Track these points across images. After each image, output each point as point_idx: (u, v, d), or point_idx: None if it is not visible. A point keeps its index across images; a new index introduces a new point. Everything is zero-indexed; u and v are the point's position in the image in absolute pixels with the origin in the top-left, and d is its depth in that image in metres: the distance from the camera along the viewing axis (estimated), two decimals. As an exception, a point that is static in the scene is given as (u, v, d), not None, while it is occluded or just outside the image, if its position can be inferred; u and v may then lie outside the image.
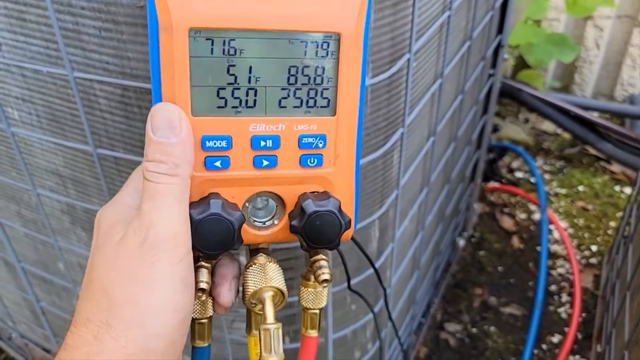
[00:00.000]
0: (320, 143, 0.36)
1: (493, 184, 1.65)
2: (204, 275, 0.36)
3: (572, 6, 1.69)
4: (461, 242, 1.36)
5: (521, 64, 1.98)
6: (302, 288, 0.41)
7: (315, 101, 0.36)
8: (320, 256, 0.39)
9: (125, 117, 0.50)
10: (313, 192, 0.37)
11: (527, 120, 2.02)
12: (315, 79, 0.35)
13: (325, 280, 0.38)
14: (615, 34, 1.99)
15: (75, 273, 0.74)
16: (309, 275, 0.40)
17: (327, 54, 0.35)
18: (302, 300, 0.41)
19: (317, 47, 0.34)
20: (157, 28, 0.33)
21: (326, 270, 0.38)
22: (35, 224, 0.70)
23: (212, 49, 0.33)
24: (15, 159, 0.62)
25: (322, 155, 0.36)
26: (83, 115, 0.51)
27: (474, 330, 1.21)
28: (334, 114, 0.36)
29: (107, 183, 0.57)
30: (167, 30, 0.32)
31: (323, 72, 0.35)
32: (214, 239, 0.33)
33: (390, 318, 0.62)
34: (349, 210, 0.39)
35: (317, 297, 0.41)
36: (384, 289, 0.53)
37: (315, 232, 0.35)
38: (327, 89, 0.36)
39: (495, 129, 1.60)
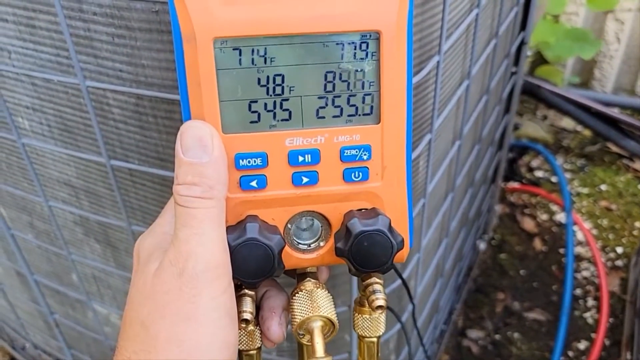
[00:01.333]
0: (365, 155, 0.33)
1: (513, 185, 1.61)
2: (248, 305, 0.33)
3: (594, 0, 1.64)
4: (482, 245, 1.33)
5: (539, 60, 1.94)
6: (357, 315, 0.37)
7: (357, 109, 0.32)
8: (374, 279, 0.35)
9: (139, 127, 0.48)
10: (360, 210, 0.34)
11: (545, 117, 1.98)
12: (355, 84, 0.32)
13: (380, 307, 0.34)
14: (637, 27, 1.93)
15: (89, 285, 0.72)
16: (363, 301, 0.36)
17: (367, 56, 0.31)
18: (357, 328, 0.38)
19: (355, 49, 0.31)
20: (180, 40, 0.30)
21: (381, 296, 0.34)
22: (48, 235, 0.68)
23: (240, 60, 0.31)
24: (27, 170, 0.60)
25: (367, 168, 0.33)
26: (96, 125, 0.49)
27: (497, 336, 1.18)
28: (379, 122, 0.33)
29: (121, 195, 0.54)
30: (190, 42, 0.30)
31: (363, 76, 0.32)
32: (252, 266, 0.31)
33: (417, 329, 0.59)
34: (402, 227, 0.35)
35: (373, 324, 0.37)
36: (413, 304, 0.50)
37: (363, 254, 0.32)
38: (369, 94, 0.32)
39: (516, 128, 1.56)
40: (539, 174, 1.68)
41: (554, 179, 1.64)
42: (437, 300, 0.89)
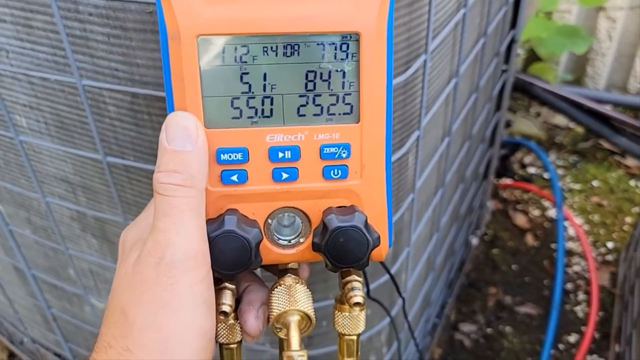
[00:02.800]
0: (344, 153, 0.33)
1: (505, 181, 1.62)
2: (227, 297, 0.34)
3: (585, -3, 1.65)
4: (474, 241, 1.34)
5: (532, 57, 1.95)
6: (336, 312, 0.38)
7: (337, 108, 0.33)
8: (353, 277, 0.35)
9: (135, 124, 0.49)
10: (339, 207, 0.35)
11: (538, 114, 2.00)
12: (335, 84, 0.33)
13: (358, 304, 0.35)
14: (628, 25, 1.95)
15: (87, 279, 0.74)
16: (343, 298, 0.37)
17: (347, 56, 0.32)
18: (336, 326, 0.38)
19: (336, 49, 0.32)
20: (166, 37, 0.31)
21: (359, 293, 0.35)
22: (45, 231, 0.70)
23: (223, 57, 0.32)
24: (24, 167, 0.61)
25: (346, 166, 0.34)
26: (92, 123, 0.50)
27: (489, 330, 1.20)
28: (358, 121, 0.33)
29: (117, 191, 0.56)
30: (175, 39, 0.31)
31: (343, 76, 0.33)
32: (230, 257, 0.31)
33: (407, 322, 0.60)
34: (381, 225, 0.35)
35: (352, 321, 0.37)
36: (403, 298, 0.52)
37: (339, 250, 0.32)
38: (349, 94, 0.33)
39: (508, 125, 1.58)
40: (531, 170, 1.70)
41: (546, 175, 1.66)
42: (429, 294, 0.91)
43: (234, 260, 0.32)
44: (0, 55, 0.50)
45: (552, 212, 1.53)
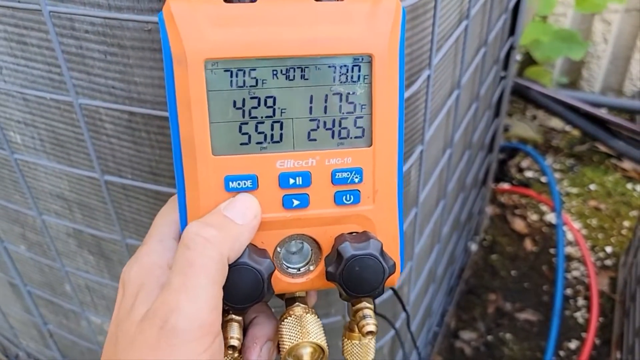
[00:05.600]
0: (356, 178, 0.32)
1: (503, 186, 1.62)
2: (235, 330, 0.32)
3: (582, 3, 1.66)
4: (473, 247, 1.34)
5: (527, 61, 1.95)
6: (346, 340, 0.37)
7: (349, 132, 0.32)
8: (364, 304, 0.34)
9: (132, 142, 0.48)
10: (351, 233, 0.33)
11: (534, 118, 2.00)
12: (347, 107, 0.32)
13: (371, 332, 0.33)
14: (624, 28, 1.95)
15: (83, 295, 0.72)
16: (353, 326, 0.36)
17: (359, 79, 0.31)
18: (345, 354, 0.37)
19: (347, 72, 0.31)
20: (171, 61, 0.30)
21: (371, 321, 0.33)
22: (41, 247, 0.68)
23: (231, 81, 0.30)
24: (18, 183, 0.59)
25: (358, 191, 0.33)
26: (89, 141, 0.49)
27: (490, 337, 1.19)
28: (370, 145, 0.32)
29: (114, 209, 0.55)
30: (181, 63, 0.30)
31: (355, 99, 0.32)
32: (242, 291, 0.30)
33: (411, 335, 0.59)
34: (393, 251, 0.34)
35: (362, 349, 0.36)
36: (407, 313, 0.51)
37: (354, 279, 0.31)
38: (361, 117, 0.32)
39: (506, 129, 1.58)
40: (528, 174, 1.70)
41: (543, 179, 1.66)
42: (430, 304, 0.90)
43: (246, 294, 0.31)
44: (-7, 72, 0.49)
45: (550, 217, 1.52)
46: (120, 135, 0.48)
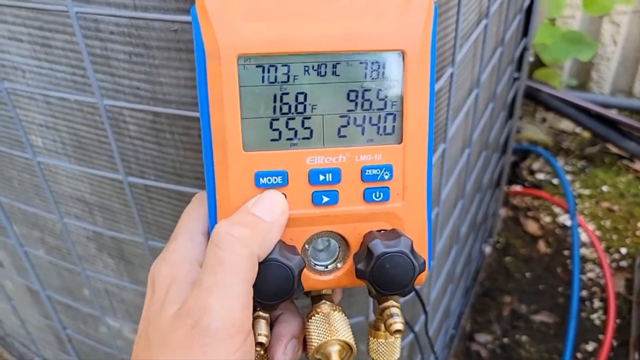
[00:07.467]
0: (386, 175, 0.32)
1: (515, 188, 1.61)
2: (262, 327, 0.32)
3: (590, 4, 1.65)
4: (487, 249, 1.33)
5: (537, 63, 1.95)
6: (372, 339, 0.36)
7: (379, 128, 0.32)
8: (391, 302, 0.34)
9: (156, 143, 0.48)
10: (380, 231, 0.33)
11: (544, 120, 1.99)
12: (377, 103, 0.32)
13: (398, 331, 0.33)
14: (633, 29, 1.95)
15: (102, 299, 0.72)
16: (379, 324, 0.35)
17: (391, 75, 0.31)
18: (371, 353, 0.37)
19: (379, 68, 0.31)
20: (203, 56, 0.30)
21: (398, 319, 0.33)
22: (60, 251, 0.68)
23: (263, 77, 0.30)
24: (39, 187, 0.60)
25: (388, 188, 0.32)
26: (113, 143, 0.49)
27: (506, 340, 1.18)
28: (401, 142, 0.32)
29: (137, 210, 0.55)
30: (214, 58, 0.30)
31: (387, 96, 0.32)
32: (272, 287, 0.30)
33: (428, 338, 0.59)
34: (422, 249, 0.34)
35: (388, 348, 0.36)
36: (426, 314, 0.50)
37: (385, 276, 0.31)
38: (392, 114, 0.32)
39: (518, 131, 1.57)
40: (540, 176, 1.69)
41: (555, 181, 1.65)
42: (448, 306, 0.89)
43: (277, 290, 0.30)
44: (16, 75, 0.49)
45: (563, 218, 1.51)
46: (144, 137, 0.48)
